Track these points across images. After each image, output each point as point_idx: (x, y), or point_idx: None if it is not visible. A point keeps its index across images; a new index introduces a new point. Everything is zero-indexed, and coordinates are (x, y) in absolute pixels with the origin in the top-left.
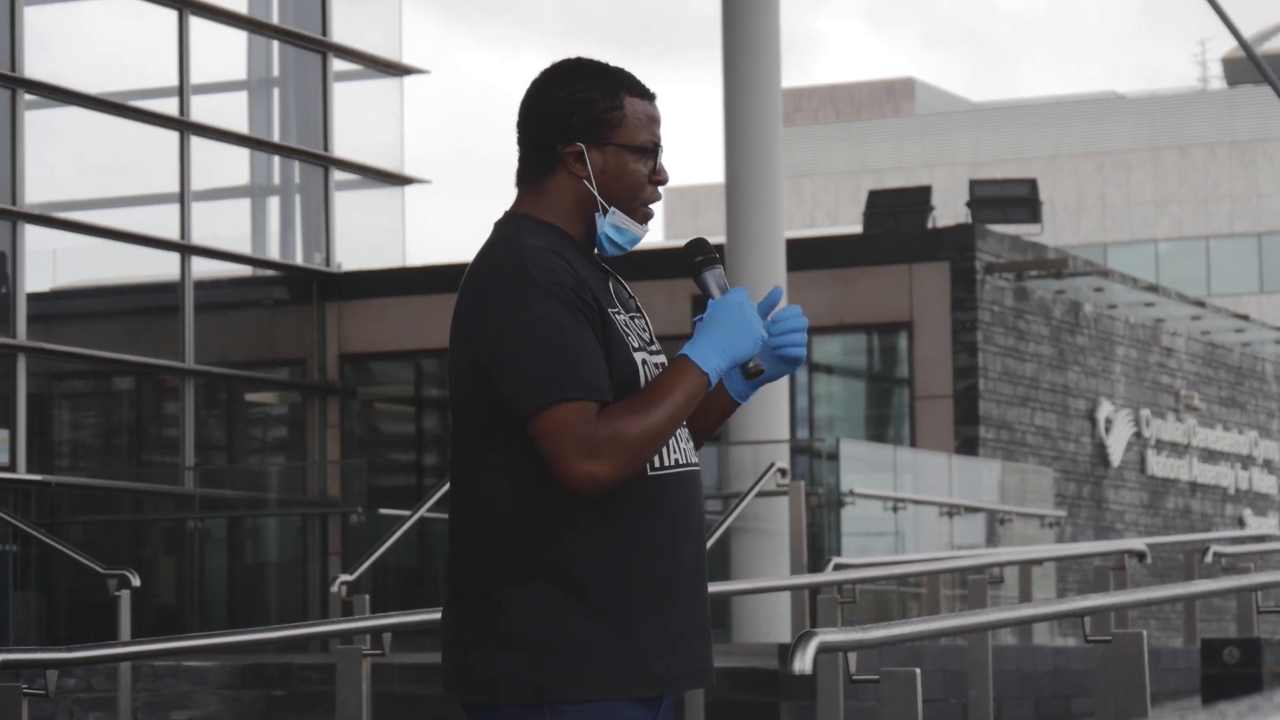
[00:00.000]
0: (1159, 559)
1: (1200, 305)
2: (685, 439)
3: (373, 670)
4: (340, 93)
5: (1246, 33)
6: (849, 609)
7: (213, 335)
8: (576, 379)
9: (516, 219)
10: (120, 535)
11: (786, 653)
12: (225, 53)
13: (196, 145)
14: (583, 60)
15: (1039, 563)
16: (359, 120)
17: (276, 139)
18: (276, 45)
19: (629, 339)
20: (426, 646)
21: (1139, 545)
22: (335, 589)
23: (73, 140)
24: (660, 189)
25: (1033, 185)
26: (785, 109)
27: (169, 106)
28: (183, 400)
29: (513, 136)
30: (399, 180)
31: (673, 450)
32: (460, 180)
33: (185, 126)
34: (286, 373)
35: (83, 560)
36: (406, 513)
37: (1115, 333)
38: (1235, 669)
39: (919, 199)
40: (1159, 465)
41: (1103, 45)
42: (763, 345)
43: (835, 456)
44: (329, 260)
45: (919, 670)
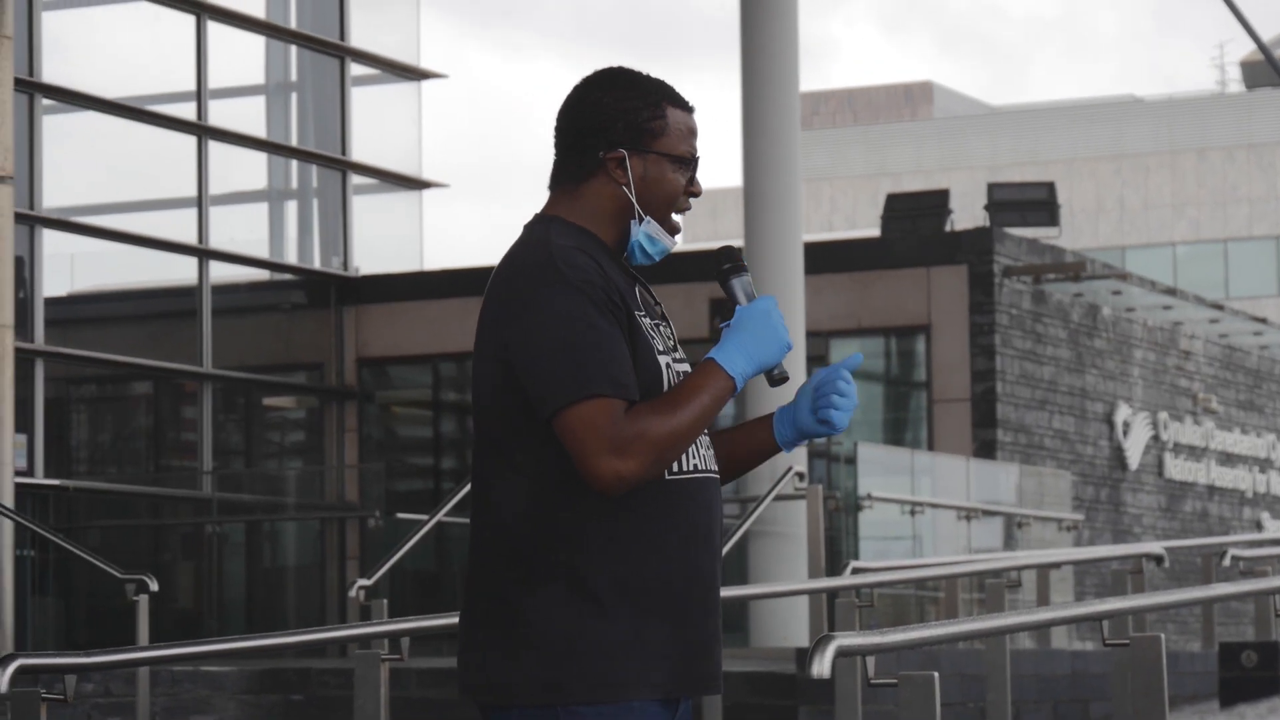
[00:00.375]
0: (1176, 562)
1: (1218, 308)
2: (705, 446)
3: (391, 675)
4: (358, 97)
5: (1265, 35)
6: (867, 613)
7: (230, 339)
8: (604, 376)
9: (547, 220)
10: (138, 540)
11: (805, 657)
12: (243, 57)
13: (214, 150)
14: (626, 69)
15: (1057, 566)
16: (377, 124)
17: (294, 143)
18: (294, 50)
19: (654, 343)
20: (445, 651)
21: (1157, 549)
22: (353, 594)
23: (90, 145)
24: (692, 201)
25: (1051, 188)
26: (803, 112)
27: (187, 111)
28: (200, 404)
29: (525, 142)
30: (417, 184)
31: (692, 456)
32: (477, 184)
33: (203, 131)
34: (304, 377)
35: (101, 565)
36: (424, 517)
37: (1133, 336)
38: (1253, 673)
39: (937, 202)
40: (1177, 468)
41: (1116, 49)
42: (802, 394)
43: (853, 460)
44: (346, 264)
45: (937, 674)
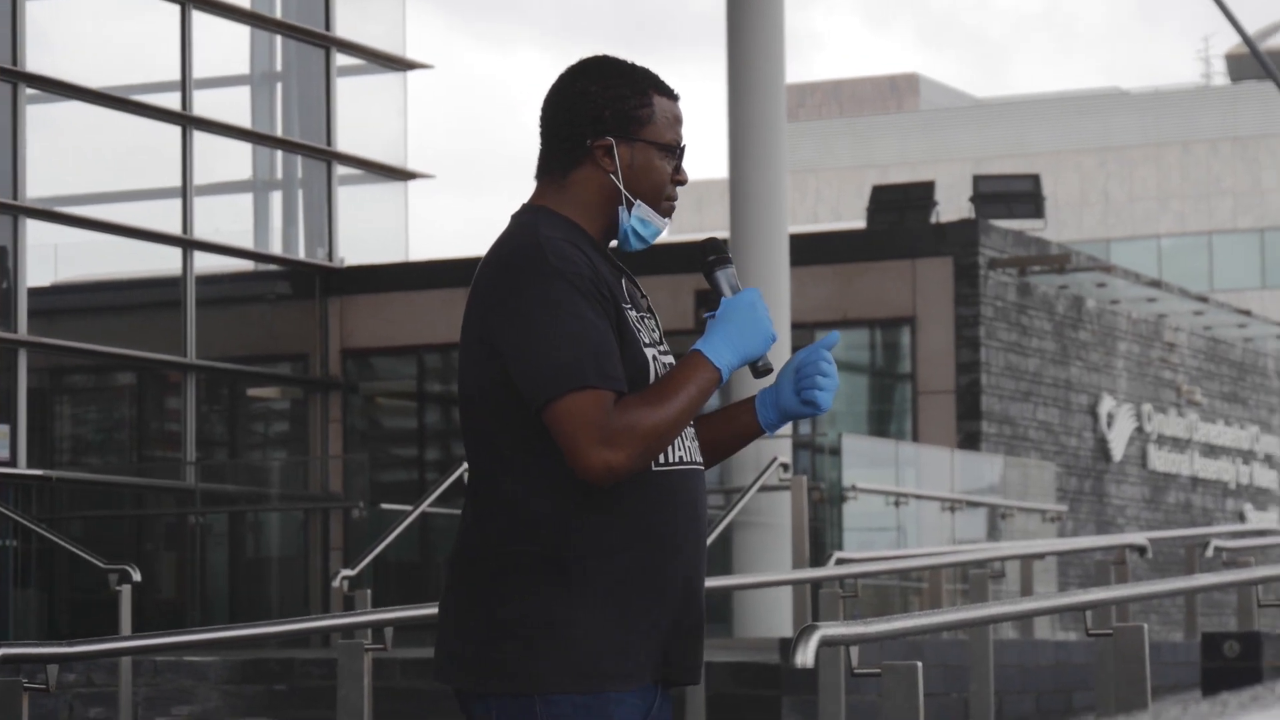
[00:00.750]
0: (1160, 553)
1: (1202, 301)
2: (690, 438)
3: (374, 665)
4: (343, 87)
5: (1250, 28)
6: (850, 603)
7: (215, 330)
8: (594, 368)
9: (534, 211)
10: (121, 530)
11: (788, 647)
12: (228, 47)
13: (199, 140)
14: (612, 58)
15: (1040, 557)
16: (362, 115)
17: (279, 133)
18: (280, 40)
19: (641, 335)
20: (428, 641)
21: (1140, 540)
22: (337, 584)
23: (75, 135)
24: (679, 189)
25: (1036, 180)
26: (789, 104)
27: (172, 101)
28: (184, 395)
29: (510, 133)
30: (402, 175)
31: (677, 448)
32: (461, 175)
33: (188, 121)
34: (288, 368)
35: (84, 555)
36: (408, 508)
37: (1117, 328)
38: (1235, 663)
39: (922, 194)
40: (1160, 460)
41: (1099, 42)
42: (783, 375)
43: (837, 451)
44: (331, 255)
45: (921, 665)
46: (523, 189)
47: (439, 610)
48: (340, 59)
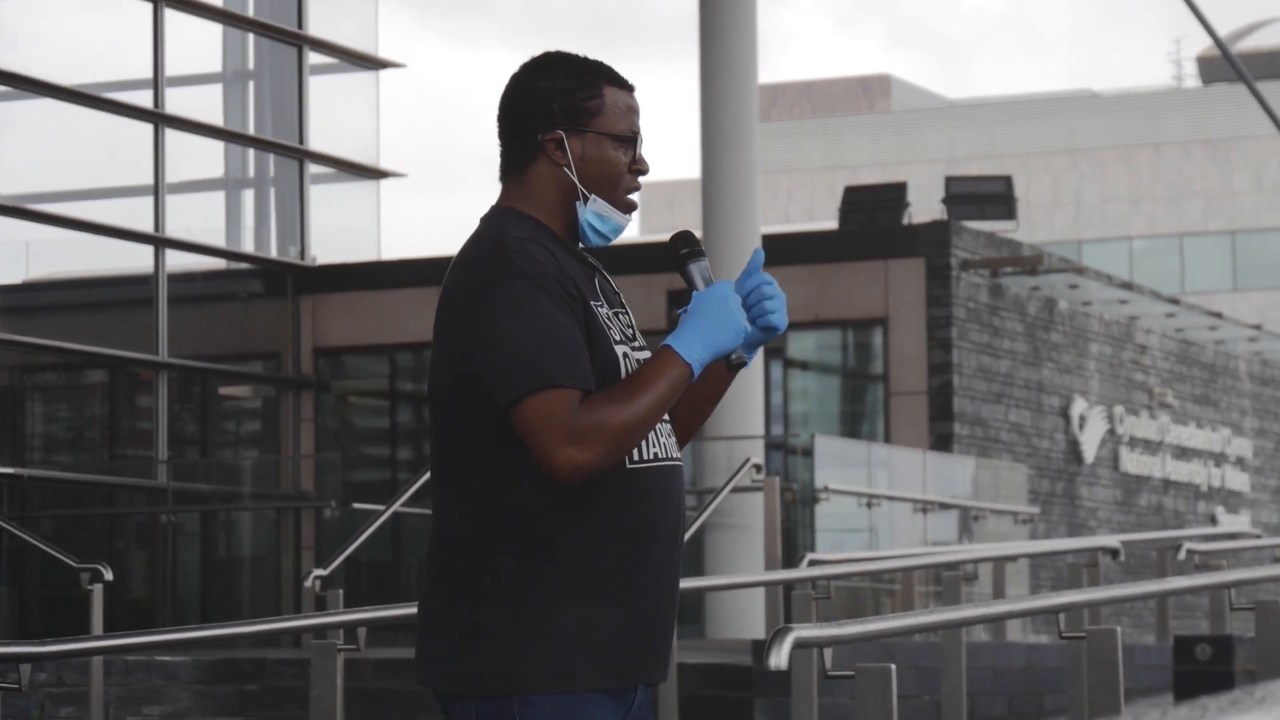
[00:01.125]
0: (1132, 556)
1: (1174, 303)
2: (667, 434)
3: (346, 665)
4: (315, 86)
5: (1222, 30)
6: (823, 605)
7: (187, 328)
8: (560, 367)
9: (501, 212)
10: (93, 529)
11: (761, 649)
12: (200, 45)
13: (171, 138)
14: (562, 52)
15: (1013, 559)
16: (334, 113)
17: (252, 132)
18: (252, 38)
19: (611, 332)
20: (401, 641)
21: (1112, 542)
22: (308, 584)
23: (46, 132)
24: (640, 179)
25: (1008, 182)
26: (761, 105)
27: (144, 99)
28: (156, 394)
29: (481, 132)
30: (374, 174)
31: (652, 444)
32: (433, 174)
33: (160, 119)
34: (260, 366)
35: (55, 554)
36: (380, 507)
37: (1089, 330)
38: (1207, 666)
39: (895, 195)
40: (1132, 462)
41: (1066, 43)
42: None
43: (810, 452)
44: (304, 254)
45: (894, 666)
46: (493, 187)
47: (418, 611)
48: (312, 57)
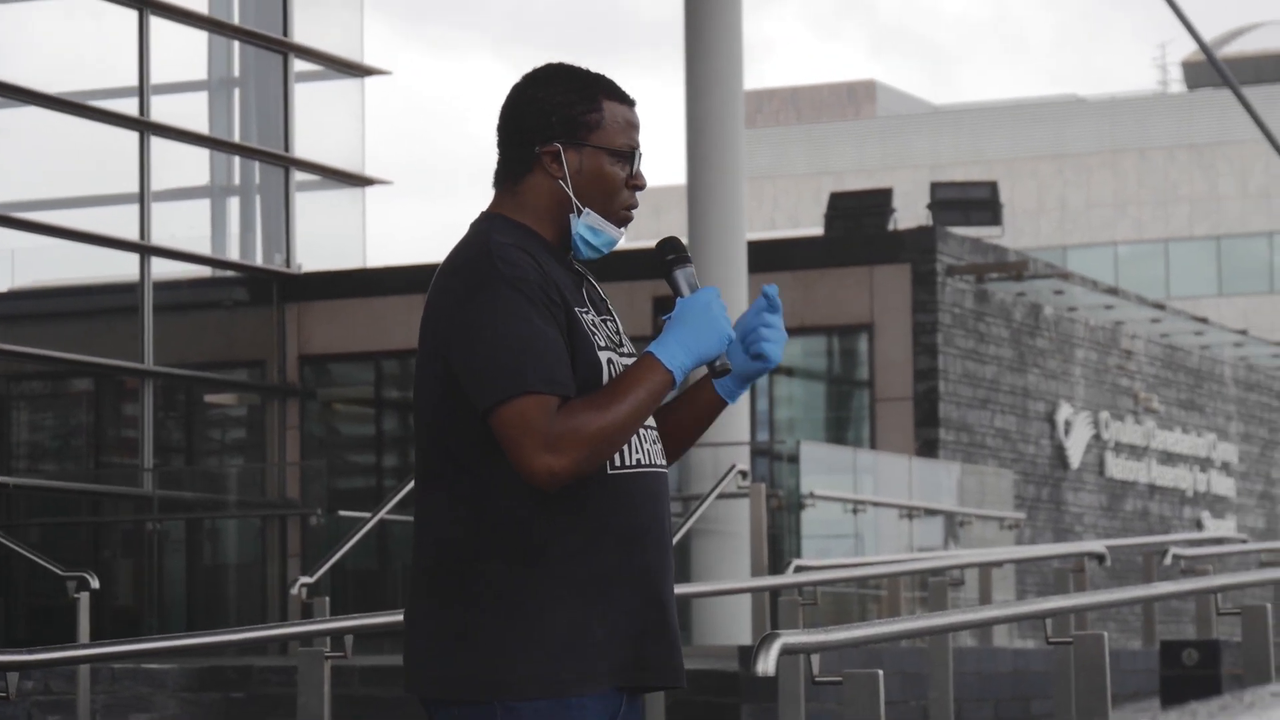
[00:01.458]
0: (1118, 561)
1: (1159, 308)
2: (652, 440)
3: (333, 673)
4: (301, 93)
5: (1207, 36)
6: (810, 611)
7: (172, 336)
8: (537, 373)
9: (489, 219)
10: (79, 537)
11: (748, 655)
12: (186, 53)
13: (156, 145)
14: (563, 65)
15: (999, 565)
16: (319, 121)
17: (237, 139)
18: (237, 45)
19: (596, 338)
20: (387, 649)
21: (1099, 547)
22: (295, 591)
23: (31, 140)
24: (637, 194)
25: (993, 188)
26: (746, 111)
27: (129, 106)
28: (142, 402)
29: (466, 139)
30: (360, 181)
31: (634, 450)
32: (418, 182)
33: (145, 126)
34: (246, 374)
35: (41, 562)
36: (366, 515)
37: (1075, 335)
38: (1194, 671)
39: (880, 201)
40: (1118, 468)
41: (1049, 50)
42: (732, 342)
43: (796, 459)
44: (289, 261)
45: (881, 672)
46: (478, 194)
47: (404, 618)
48: (298, 65)
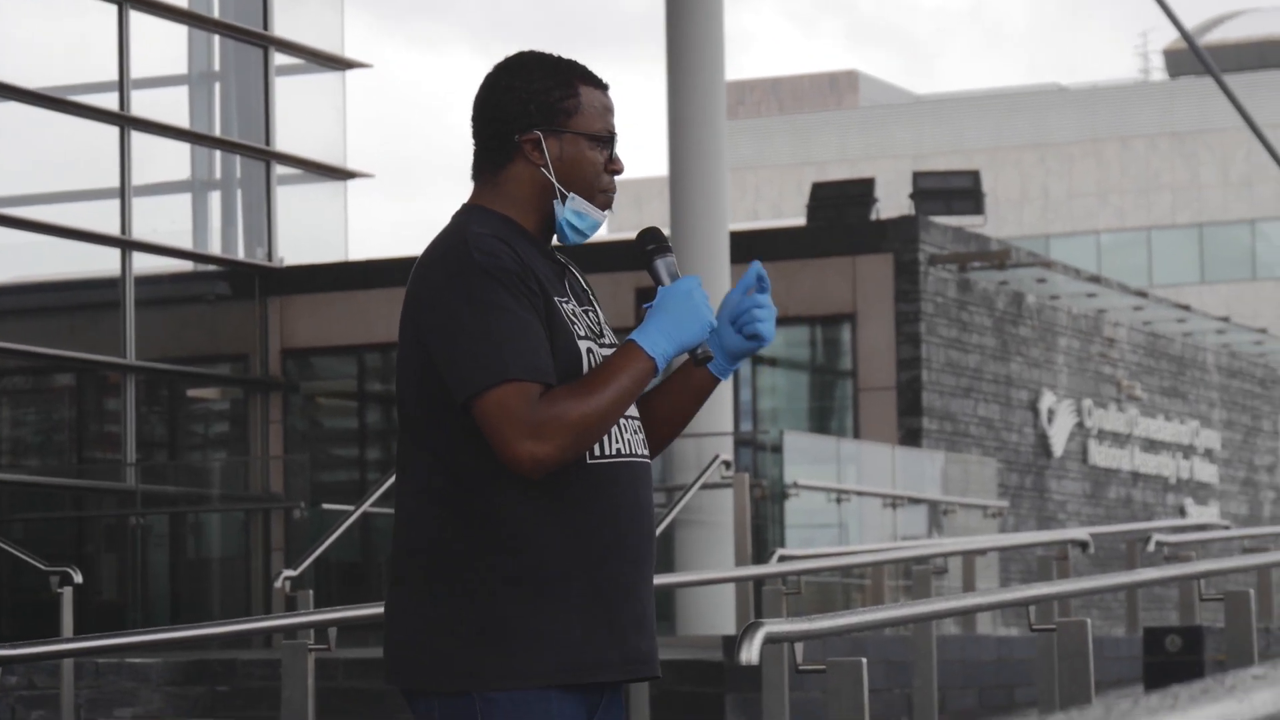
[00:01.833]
0: (1101, 548)
1: (1142, 296)
2: (633, 431)
3: (317, 665)
4: (282, 87)
5: (1188, 23)
6: (794, 600)
7: (154, 331)
8: (518, 361)
9: (468, 210)
10: (62, 532)
11: (732, 644)
12: (166, 47)
13: (137, 140)
14: (536, 52)
15: (982, 553)
16: (300, 114)
17: (218, 133)
18: (217, 39)
19: (575, 327)
20: (371, 641)
21: (1082, 535)
22: (279, 584)
23: (11, 135)
24: (614, 178)
25: (975, 177)
26: (728, 102)
27: (109, 101)
28: (124, 396)
29: (446, 133)
30: (341, 174)
31: (614, 440)
32: (399, 175)
33: (126, 121)
34: (228, 368)
35: (24, 557)
36: (350, 508)
37: (1057, 323)
38: (1177, 657)
39: (862, 191)
40: (1101, 455)
41: (1027, 40)
42: (714, 330)
43: (779, 448)
44: (271, 255)
45: (865, 660)
46: (460, 188)
47: (385, 608)
48: (278, 58)
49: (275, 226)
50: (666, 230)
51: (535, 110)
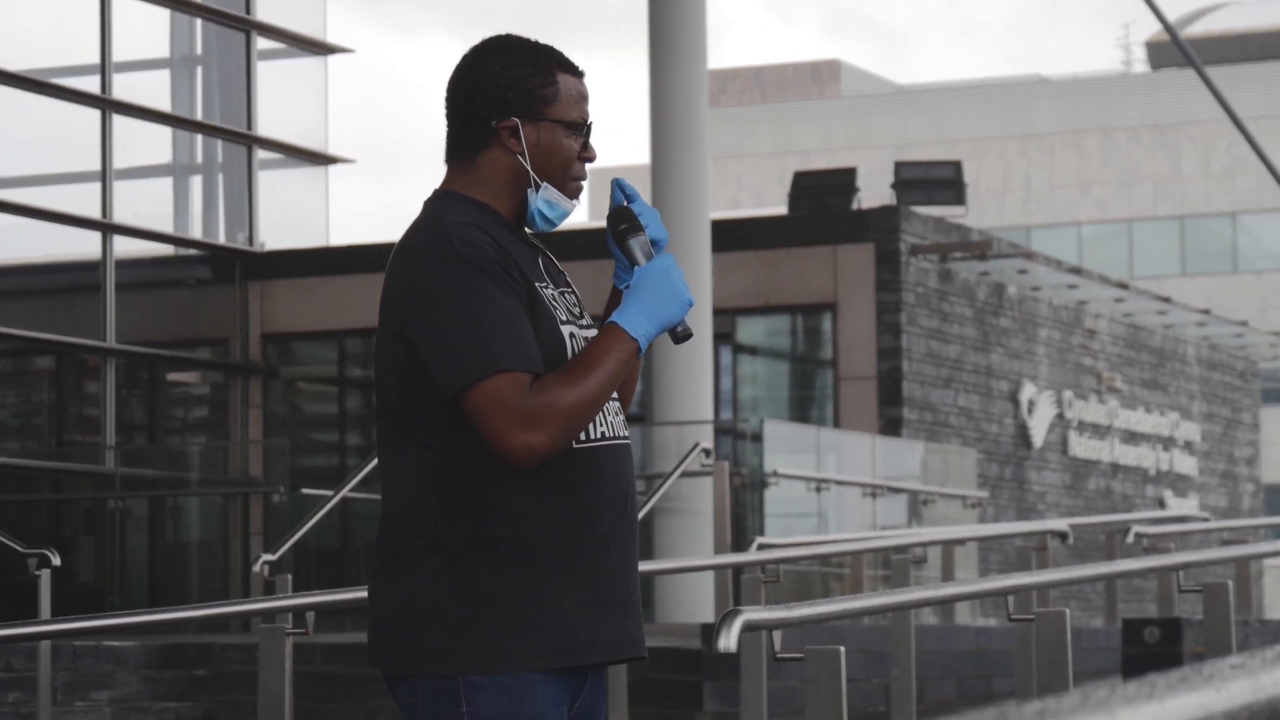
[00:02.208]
0: (1080, 540)
1: (1123, 287)
2: (614, 412)
3: (295, 650)
4: (264, 71)
5: (1171, 15)
6: (772, 589)
7: (134, 314)
8: (507, 351)
9: (442, 196)
10: (40, 515)
11: (711, 632)
12: (148, 30)
13: (119, 123)
14: (514, 37)
15: (962, 543)
16: (282, 99)
17: (200, 117)
18: (200, 23)
19: (557, 312)
20: (349, 626)
21: (1061, 525)
22: (257, 568)
23: None
24: (587, 166)
25: (957, 167)
26: (710, 90)
27: (91, 84)
28: (104, 380)
29: (427, 119)
30: (323, 159)
31: (599, 424)
32: (380, 160)
33: (107, 104)
34: (209, 352)
35: (2, 540)
36: (329, 493)
37: (1038, 315)
38: (1156, 648)
39: (844, 180)
40: (1081, 447)
41: (1005, 31)
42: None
43: (759, 437)
44: (252, 239)
45: (843, 649)
46: (440, 174)
47: (368, 593)
48: (261, 43)
49: (256, 211)
50: None
51: (514, 97)
